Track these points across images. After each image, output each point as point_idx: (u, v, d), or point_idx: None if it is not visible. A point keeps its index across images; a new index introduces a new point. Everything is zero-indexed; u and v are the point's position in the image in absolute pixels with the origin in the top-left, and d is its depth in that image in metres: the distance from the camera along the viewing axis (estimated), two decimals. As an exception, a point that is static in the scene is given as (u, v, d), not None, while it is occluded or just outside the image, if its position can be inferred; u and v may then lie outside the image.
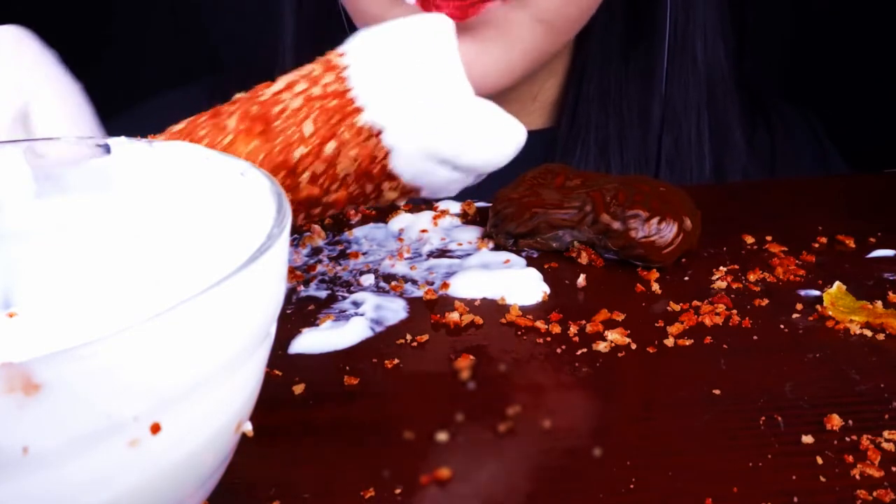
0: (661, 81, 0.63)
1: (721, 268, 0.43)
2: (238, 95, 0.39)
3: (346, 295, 0.42)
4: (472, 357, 0.36)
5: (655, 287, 0.41)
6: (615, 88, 0.63)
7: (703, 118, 0.64)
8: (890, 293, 0.40)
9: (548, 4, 0.53)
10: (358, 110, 0.37)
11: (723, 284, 0.41)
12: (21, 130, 0.36)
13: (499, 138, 0.39)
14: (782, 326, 0.38)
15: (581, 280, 0.42)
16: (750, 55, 0.85)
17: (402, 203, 0.43)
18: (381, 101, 0.37)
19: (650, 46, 0.63)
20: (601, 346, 0.36)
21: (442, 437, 0.31)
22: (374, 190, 0.38)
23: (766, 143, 0.68)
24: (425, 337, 0.37)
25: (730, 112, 0.65)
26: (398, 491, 0.28)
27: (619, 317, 0.39)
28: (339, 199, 0.38)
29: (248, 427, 0.25)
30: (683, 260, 0.44)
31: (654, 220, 0.42)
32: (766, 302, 0.40)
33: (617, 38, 0.63)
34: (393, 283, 0.42)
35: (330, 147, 0.37)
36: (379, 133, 0.37)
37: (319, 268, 0.44)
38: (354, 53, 0.38)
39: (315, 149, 0.37)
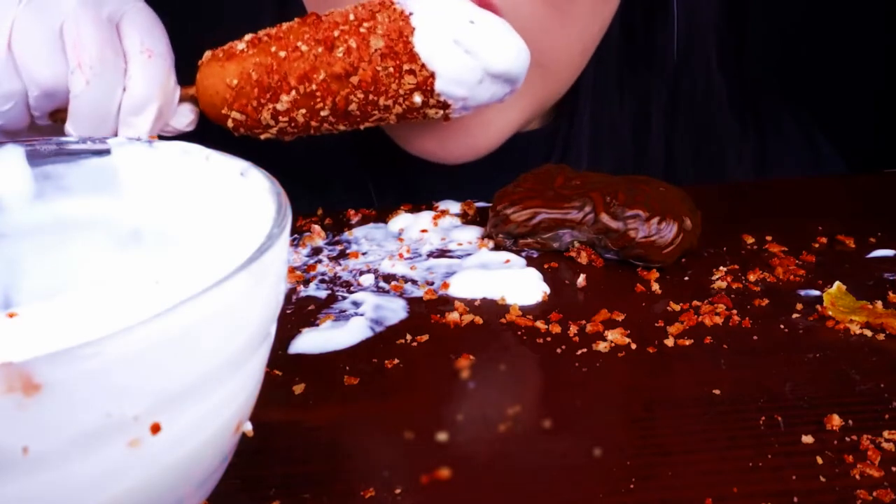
0: (656, 109, 0.63)
1: (721, 268, 0.43)
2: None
3: (346, 295, 0.42)
4: (472, 357, 0.36)
5: (655, 287, 0.41)
6: (608, 113, 0.63)
7: (691, 131, 0.64)
8: (890, 293, 0.40)
9: (548, 52, 0.51)
10: (394, 0, 0.44)
11: (723, 284, 0.41)
12: (110, 27, 0.40)
13: (510, 41, 0.44)
14: (782, 326, 0.38)
15: (581, 280, 0.42)
16: (750, 56, 0.85)
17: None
18: None
19: (647, 72, 0.62)
20: (601, 346, 0.36)
21: (442, 437, 0.31)
22: (397, 72, 0.43)
23: (757, 150, 0.68)
24: (425, 337, 0.38)
25: (724, 127, 0.66)
26: (398, 491, 0.28)
27: (619, 317, 0.39)
28: (366, 78, 0.42)
29: (248, 427, 0.25)
30: (683, 260, 0.44)
31: (654, 220, 0.42)
32: (766, 302, 0.40)
33: (613, 66, 0.63)
34: (393, 283, 0.42)
35: (366, 25, 0.43)
36: (409, 15, 0.43)
37: (319, 268, 0.44)
38: None
39: (354, 27, 0.43)
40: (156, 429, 0.20)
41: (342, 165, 0.62)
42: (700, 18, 0.63)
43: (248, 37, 0.44)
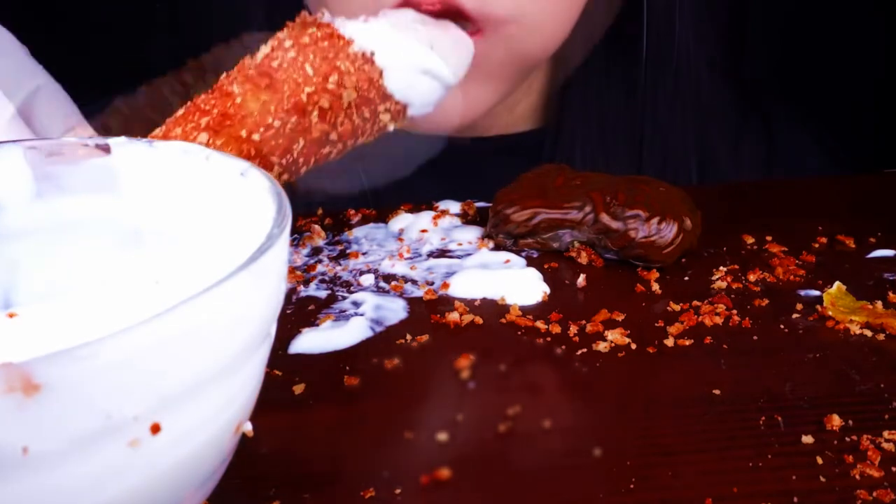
0: (644, 97, 0.63)
1: (721, 268, 0.43)
2: (224, 74, 0.41)
3: (346, 295, 0.42)
4: (472, 357, 0.36)
5: (655, 287, 0.41)
6: (598, 107, 0.63)
7: (689, 131, 0.64)
8: (890, 293, 0.40)
9: (525, 43, 0.52)
10: (349, 42, 0.41)
11: (723, 284, 0.41)
12: (19, 127, 0.36)
13: (464, 50, 0.45)
14: (782, 326, 0.38)
15: (581, 280, 0.42)
16: (750, 55, 0.85)
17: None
18: (365, 30, 0.41)
19: (631, 62, 0.63)
20: (601, 346, 0.36)
21: (442, 437, 0.31)
22: (372, 115, 0.42)
23: (757, 150, 0.68)
24: (425, 337, 0.38)
25: (715, 124, 0.66)
26: (398, 491, 0.28)
27: (619, 317, 0.39)
28: (346, 132, 0.41)
29: (248, 427, 0.25)
30: (683, 260, 0.44)
31: (654, 220, 0.42)
32: (766, 302, 0.40)
33: (598, 55, 0.63)
34: (393, 283, 0.42)
35: (333, 80, 0.40)
36: (372, 56, 0.41)
37: (319, 268, 0.44)
38: (323, 10, 0.43)
39: (320, 85, 0.40)
40: (156, 429, 0.20)
41: (340, 165, 0.62)
42: (687, 17, 0.63)
43: (203, 121, 0.39)
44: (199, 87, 0.42)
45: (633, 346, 0.36)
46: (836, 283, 0.40)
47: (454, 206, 0.51)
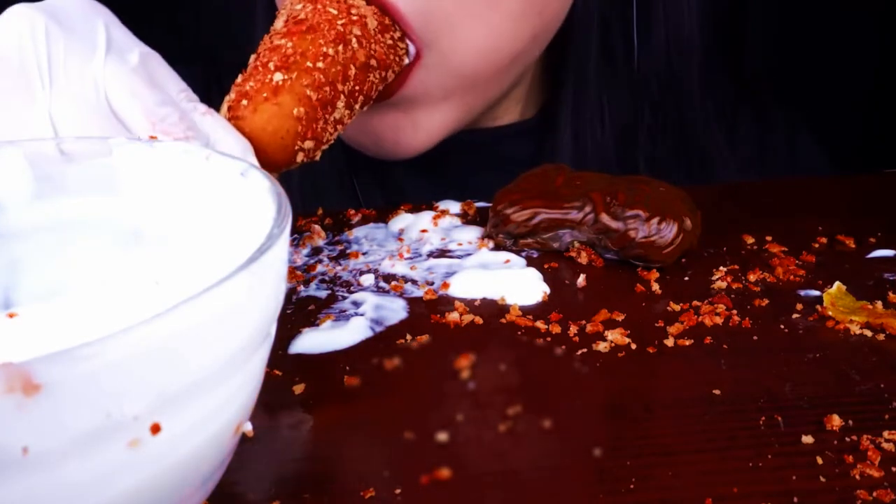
0: (642, 96, 0.63)
1: (721, 268, 0.43)
2: (254, 54, 0.43)
3: (346, 295, 0.42)
4: (472, 357, 0.36)
5: (655, 287, 0.41)
6: (595, 106, 0.62)
7: (688, 130, 0.64)
8: (890, 293, 0.40)
9: (462, 54, 0.50)
10: None
11: (723, 284, 0.41)
12: (144, 72, 0.37)
13: None
14: (782, 326, 0.38)
15: (581, 280, 0.42)
16: (749, 55, 0.85)
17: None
18: None
19: (630, 61, 0.62)
20: (601, 346, 0.36)
21: (442, 437, 0.31)
22: (394, 43, 0.46)
23: (757, 149, 0.68)
24: (425, 337, 0.38)
25: (714, 123, 0.66)
26: (398, 491, 0.28)
27: (619, 317, 0.39)
28: (381, 56, 0.45)
29: (248, 427, 0.25)
30: (683, 260, 0.44)
31: (654, 220, 0.42)
32: (766, 302, 0.40)
33: (596, 53, 0.62)
34: (393, 283, 0.42)
35: (354, 11, 0.44)
36: None
37: (319, 268, 0.44)
38: None
39: (347, 18, 0.44)
40: (156, 429, 0.20)
41: (336, 166, 0.62)
42: (684, 15, 0.63)
43: (270, 64, 0.41)
44: None
45: (633, 346, 0.36)
46: (836, 283, 0.40)
47: (454, 206, 0.51)
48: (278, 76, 0.41)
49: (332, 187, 0.62)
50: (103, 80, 0.35)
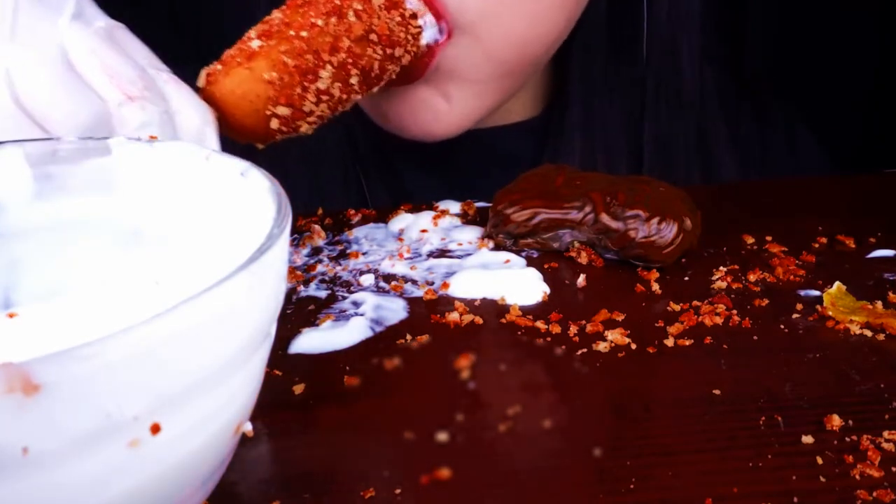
0: (644, 96, 0.63)
1: (721, 268, 0.43)
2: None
3: (346, 295, 0.42)
4: (472, 357, 0.36)
5: (655, 287, 0.41)
6: (599, 106, 0.62)
7: (689, 131, 0.64)
8: (890, 293, 0.40)
9: (498, 42, 0.50)
10: None
11: (723, 284, 0.41)
12: (107, 37, 0.36)
13: None
14: (782, 326, 0.38)
15: (581, 280, 0.42)
16: (750, 54, 0.85)
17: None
18: None
19: (632, 60, 0.62)
20: (601, 346, 0.36)
21: (442, 437, 0.31)
22: (403, 21, 0.44)
23: (757, 149, 0.68)
24: (425, 337, 0.38)
25: (715, 123, 0.66)
26: (398, 491, 0.28)
27: (619, 317, 0.39)
28: (383, 31, 0.43)
29: (248, 427, 0.25)
30: (683, 260, 0.44)
31: (654, 220, 0.42)
32: (766, 302, 0.40)
33: (598, 53, 0.62)
34: (393, 283, 0.42)
35: None
36: None
37: (319, 268, 0.44)
38: None
39: None
40: (156, 429, 0.20)
41: (339, 165, 0.62)
42: (686, 15, 0.63)
43: (252, 33, 0.42)
44: None
45: (633, 346, 0.36)
46: (836, 283, 0.40)
47: (454, 206, 0.51)
48: (256, 43, 0.41)
49: (336, 183, 0.62)
50: (67, 39, 0.35)
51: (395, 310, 0.40)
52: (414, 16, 0.45)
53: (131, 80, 0.35)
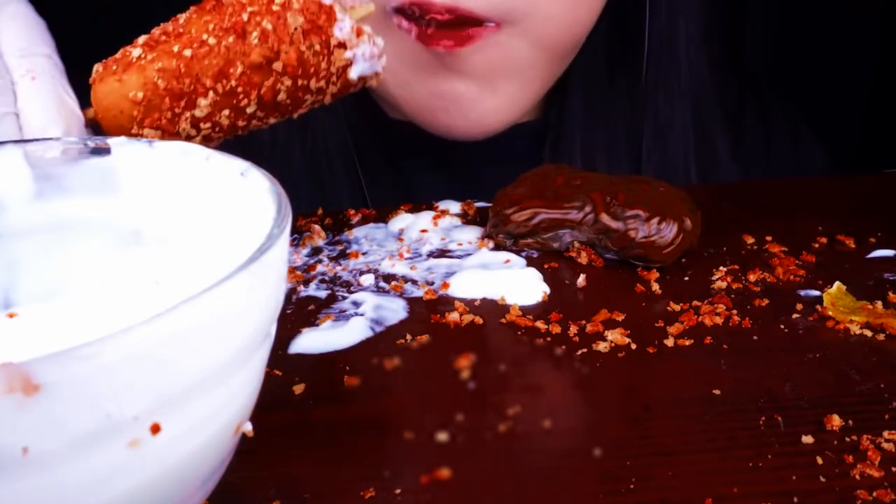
0: (646, 96, 0.63)
1: (721, 268, 0.43)
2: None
3: (346, 295, 0.42)
4: (472, 357, 0.36)
5: (655, 287, 0.41)
6: (599, 104, 0.63)
7: (689, 131, 0.64)
8: (890, 293, 0.40)
9: (547, 28, 0.51)
10: None
11: (723, 284, 0.41)
12: None
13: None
14: (782, 326, 0.38)
15: (581, 280, 0.42)
16: (750, 54, 0.85)
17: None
18: None
19: (634, 61, 0.63)
20: (601, 346, 0.36)
21: (442, 437, 0.31)
22: (324, 49, 0.38)
23: (757, 149, 0.68)
24: (425, 337, 0.38)
25: (714, 123, 0.66)
26: (398, 491, 0.28)
27: (619, 317, 0.39)
28: (291, 62, 0.38)
29: (248, 427, 0.25)
30: (683, 260, 0.44)
31: (654, 220, 0.42)
32: (766, 302, 0.40)
33: (601, 54, 0.63)
34: (393, 283, 0.42)
35: (278, 2, 0.37)
36: None
37: (319, 268, 0.44)
38: None
39: (265, 6, 0.37)
40: (156, 429, 0.20)
41: (340, 165, 0.62)
42: (693, 15, 0.63)
43: (141, 39, 0.38)
44: None
45: (633, 346, 0.36)
46: (836, 283, 0.40)
47: (454, 206, 0.51)
48: (136, 52, 0.38)
49: (337, 182, 0.62)
50: None
51: (395, 310, 0.40)
52: (342, 45, 0.38)
53: None
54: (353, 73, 0.39)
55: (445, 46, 0.49)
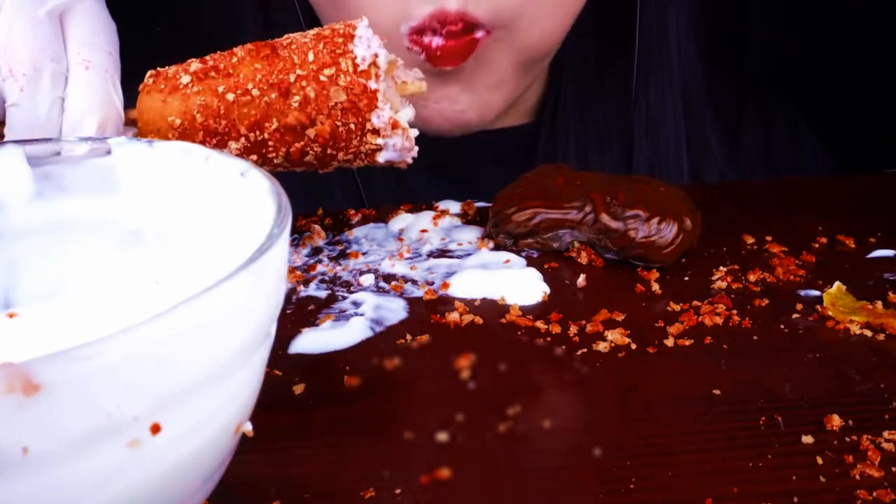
0: (637, 93, 0.63)
1: (721, 268, 0.43)
2: None
3: (346, 295, 0.42)
4: (472, 357, 0.36)
5: (655, 287, 0.41)
6: (591, 102, 0.64)
7: (681, 127, 0.64)
8: (890, 293, 0.40)
9: (528, 40, 0.54)
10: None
11: (723, 284, 0.41)
12: (50, 26, 0.37)
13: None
14: (782, 326, 0.38)
15: (581, 280, 0.42)
16: (748, 52, 0.85)
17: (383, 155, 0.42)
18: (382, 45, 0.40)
19: (625, 58, 0.63)
20: (601, 346, 0.36)
21: (442, 437, 0.31)
22: (358, 128, 0.39)
23: (755, 148, 0.68)
24: (425, 337, 0.38)
25: (706, 120, 0.66)
26: (398, 491, 0.28)
27: (619, 317, 0.39)
28: (324, 133, 0.39)
29: (248, 427, 0.25)
30: (683, 260, 0.44)
31: (654, 220, 0.42)
32: (766, 302, 0.40)
33: (591, 52, 0.64)
34: (393, 283, 0.42)
35: (328, 72, 0.39)
36: (375, 61, 0.39)
37: (319, 268, 0.44)
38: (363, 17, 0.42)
39: (313, 73, 0.39)
40: (156, 429, 0.20)
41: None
42: (687, 13, 0.63)
43: (193, 66, 0.39)
44: None
45: (633, 346, 0.36)
46: (836, 283, 0.40)
47: (454, 206, 0.51)
48: (185, 79, 0.39)
49: (337, 182, 0.62)
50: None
51: (395, 310, 0.40)
52: (375, 132, 0.40)
53: (20, 57, 0.36)
54: (381, 159, 0.41)
55: (452, 65, 0.52)
